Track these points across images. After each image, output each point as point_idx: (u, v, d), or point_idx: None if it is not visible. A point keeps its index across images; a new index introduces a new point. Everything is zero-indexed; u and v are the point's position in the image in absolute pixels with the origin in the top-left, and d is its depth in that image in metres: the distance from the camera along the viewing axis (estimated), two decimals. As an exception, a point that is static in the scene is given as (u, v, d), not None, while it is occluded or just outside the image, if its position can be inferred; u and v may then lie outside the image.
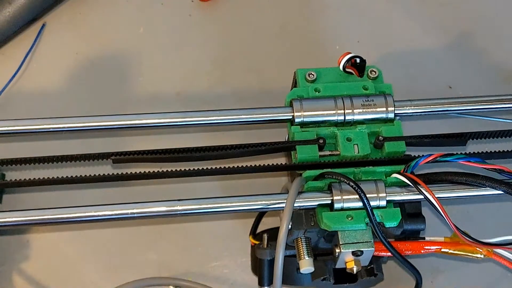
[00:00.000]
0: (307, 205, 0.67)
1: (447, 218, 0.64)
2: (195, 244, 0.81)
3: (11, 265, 0.78)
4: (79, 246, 0.80)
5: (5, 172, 0.80)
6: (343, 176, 0.66)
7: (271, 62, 0.91)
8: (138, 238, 0.81)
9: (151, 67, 0.90)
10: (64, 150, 0.72)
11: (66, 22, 0.92)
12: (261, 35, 0.93)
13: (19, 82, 0.88)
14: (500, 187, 0.66)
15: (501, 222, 0.82)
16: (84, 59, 0.90)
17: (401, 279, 0.78)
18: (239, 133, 0.81)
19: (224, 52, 0.92)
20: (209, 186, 0.82)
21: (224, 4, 0.94)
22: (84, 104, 0.86)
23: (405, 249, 0.69)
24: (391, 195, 0.67)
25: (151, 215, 0.67)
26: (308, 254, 0.67)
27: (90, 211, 0.67)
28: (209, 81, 0.89)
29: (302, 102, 0.71)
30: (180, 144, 0.71)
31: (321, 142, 0.69)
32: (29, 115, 0.73)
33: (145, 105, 0.87)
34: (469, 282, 0.80)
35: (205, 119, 0.72)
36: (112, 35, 0.92)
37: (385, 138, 0.70)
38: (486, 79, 0.90)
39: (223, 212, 0.69)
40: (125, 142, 0.83)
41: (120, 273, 0.78)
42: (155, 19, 0.93)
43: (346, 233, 0.66)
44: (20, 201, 0.80)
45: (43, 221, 0.67)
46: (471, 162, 0.68)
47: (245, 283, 0.79)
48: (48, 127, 0.71)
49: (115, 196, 0.72)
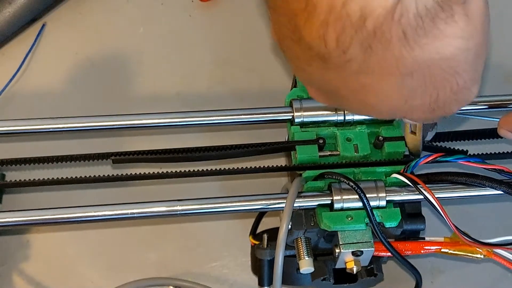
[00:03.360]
0: (307, 205, 0.67)
1: (447, 218, 0.64)
2: (195, 244, 0.81)
3: (11, 265, 0.78)
4: (79, 246, 0.80)
5: (5, 172, 0.80)
6: (343, 176, 0.66)
7: (271, 62, 0.91)
8: (138, 238, 0.81)
9: (151, 67, 0.90)
10: (64, 150, 0.72)
11: (66, 22, 0.92)
12: (261, 35, 0.93)
13: (19, 82, 0.88)
14: (500, 187, 0.66)
15: (501, 222, 0.81)
16: (84, 59, 0.90)
17: (401, 279, 0.78)
18: (239, 133, 0.81)
19: (224, 52, 0.91)
20: (209, 186, 0.82)
21: (224, 4, 0.94)
22: (84, 104, 0.86)
23: (405, 249, 0.68)
24: (391, 195, 0.67)
25: (151, 215, 0.67)
26: (308, 254, 0.67)
27: (90, 211, 0.67)
28: (209, 81, 0.89)
29: (302, 102, 0.71)
30: (180, 144, 0.71)
31: (321, 142, 0.69)
32: (29, 115, 0.73)
33: (145, 105, 0.87)
34: (469, 282, 0.79)
35: (205, 119, 0.72)
36: (112, 35, 0.92)
37: (385, 138, 0.70)
38: (486, 79, 0.90)
39: (223, 212, 0.69)
40: (125, 142, 0.83)
41: (120, 273, 0.78)
42: (155, 19, 0.93)
43: (346, 233, 0.66)
44: (20, 201, 0.80)
45: (43, 221, 0.67)
46: (471, 162, 0.68)
47: (245, 283, 0.79)
48: (48, 127, 0.71)
49: (115, 196, 0.72)
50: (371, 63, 0.43)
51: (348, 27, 0.41)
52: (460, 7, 0.41)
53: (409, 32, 0.41)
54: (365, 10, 0.40)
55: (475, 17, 0.43)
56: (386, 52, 0.42)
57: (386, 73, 0.43)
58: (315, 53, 0.44)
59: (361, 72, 0.43)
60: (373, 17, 0.40)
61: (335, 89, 0.47)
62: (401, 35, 0.41)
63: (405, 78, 0.43)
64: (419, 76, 0.43)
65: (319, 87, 0.50)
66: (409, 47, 0.41)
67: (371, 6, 0.40)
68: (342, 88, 0.46)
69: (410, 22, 0.40)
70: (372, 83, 0.44)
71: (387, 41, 0.41)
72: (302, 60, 0.46)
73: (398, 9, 0.40)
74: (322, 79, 0.47)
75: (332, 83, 0.46)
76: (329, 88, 0.48)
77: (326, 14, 0.41)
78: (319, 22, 0.42)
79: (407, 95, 0.45)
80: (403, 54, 0.42)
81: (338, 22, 0.41)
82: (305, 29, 0.43)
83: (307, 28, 0.43)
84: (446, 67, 0.43)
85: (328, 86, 0.48)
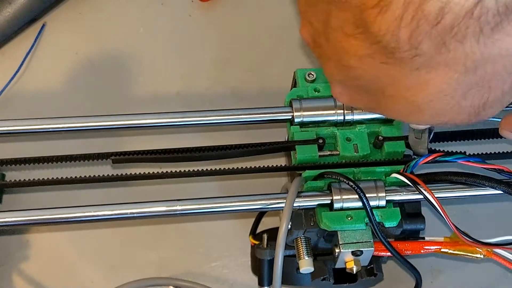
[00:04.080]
0: (306, 205, 0.67)
1: (447, 218, 0.64)
2: (195, 244, 0.81)
3: (11, 265, 0.78)
4: (79, 246, 0.80)
5: (5, 172, 0.80)
6: (343, 176, 0.66)
7: (271, 62, 0.91)
8: (138, 238, 0.81)
9: (151, 67, 0.90)
10: (64, 150, 0.72)
11: (66, 22, 0.92)
12: (261, 35, 0.93)
13: (19, 82, 0.88)
14: (500, 187, 0.66)
15: (501, 222, 0.81)
16: (84, 59, 0.90)
17: (401, 279, 0.78)
18: (239, 133, 0.81)
19: (224, 52, 0.91)
20: (208, 186, 0.82)
21: (224, 4, 0.94)
22: (84, 104, 0.86)
23: (405, 249, 0.68)
24: (390, 195, 0.67)
25: (151, 215, 0.67)
26: (307, 254, 0.67)
27: (90, 211, 0.67)
28: (209, 81, 0.89)
29: (301, 102, 0.71)
30: (180, 144, 0.71)
31: (320, 142, 0.69)
32: (29, 115, 0.73)
33: (145, 105, 0.87)
34: (469, 282, 0.79)
35: (205, 119, 0.72)
36: (112, 35, 0.92)
37: (384, 138, 0.70)
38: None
39: (223, 212, 0.69)
40: (125, 142, 0.83)
41: (120, 273, 0.78)
42: (155, 19, 0.93)
43: (345, 233, 0.66)
44: (20, 201, 0.80)
45: (43, 221, 0.67)
46: (471, 162, 0.67)
47: (245, 283, 0.79)
48: (48, 127, 0.71)
49: (114, 196, 0.72)
50: (439, 59, 0.42)
51: (424, 24, 0.40)
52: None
53: (486, 29, 0.40)
54: (444, 8, 0.40)
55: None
56: (459, 47, 0.41)
57: (451, 69, 0.42)
58: (380, 47, 0.42)
59: (425, 67, 0.43)
60: (451, 14, 0.40)
61: (382, 87, 0.46)
62: (478, 31, 0.40)
63: (468, 74, 0.43)
64: (481, 72, 0.42)
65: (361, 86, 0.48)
66: (482, 43, 0.41)
67: (450, 5, 0.39)
68: (394, 86, 0.45)
69: (488, 20, 0.40)
70: (431, 80, 0.43)
71: (463, 37, 0.41)
72: (354, 55, 0.45)
73: (478, 7, 0.39)
74: (372, 76, 0.45)
75: (384, 79, 0.45)
76: (376, 86, 0.47)
77: (402, 10, 0.40)
78: (393, 18, 0.41)
79: (461, 94, 0.44)
80: (474, 50, 0.41)
81: (414, 19, 0.40)
82: (375, 23, 0.42)
83: (377, 22, 0.41)
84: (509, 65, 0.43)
85: (376, 84, 0.46)
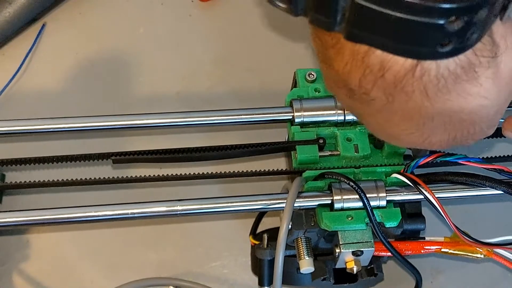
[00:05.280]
0: (307, 205, 0.67)
1: (447, 218, 0.64)
2: (195, 244, 0.81)
3: (11, 265, 0.78)
4: (79, 246, 0.80)
5: (5, 172, 0.80)
6: (343, 176, 0.66)
7: (271, 62, 0.91)
8: (138, 238, 0.81)
9: (151, 67, 0.90)
10: (64, 150, 0.72)
11: (66, 22, 0.92)
12: (261, 35, 0.93)
13: (19, 82, 0.88)
14: (500, 187, 0.66)
15: (501, 222, 0.81)
16: (84, 59, 0.90)
17: (401, 279, 0.78)
18: (239, 133, 0.81)
19: (224, 52, 0.91)
20: (209, 187, 0.82)
21: (224, 4, 0.94)
22: (84, 104, 0.86)
23: (405, 249, 0.68)
24: (391, 195, 0.67)
25: (151, 215, 0.67)
26: (308, 254, 0.67)
27: (90, 211, 0.67)
28: (209, 81, 0.89)
29: (302, 102, 0.71)
30: (180, 144, 0.71)
31: (321, 142, 0.69)
32: (29, 115, 0.73)
33: (145, 105, 0.87)
34: (469, 282, 0.80)
35: (205, 119, 0.72)
36: (112, 35, 0.92)
37: (385, 138, 0.70)
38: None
39: (223, 212, 0.69)
40: (125, 142, 0.83)
41: (120, 273, 0.78)
42: (155, 19, 0.93)
43: (346, 233, 0.66)
44: (20, 202, 0.80)
45: (43, 221, 0.67)
46: (471, 162, 0.67)
47: (245, 283, 0.79)
48: (48, 127, 0.71)
49: (115, 196, 0.72)
50: (394, 107, 0.43)
51: (369, 74, 0.42)
52: (487, 70, 0.41)
53: (431, 88, 0.41)
54: (384, 64, 0.40)
55: (502, 78, 0.42)
56: (409, 101, 0.42)
57: (407, 116, 0.44)
58: (345, 84, 0.44)
59: (384, 111, 0.44)
60: (392, 71, 0.41)
61: (360, 115, 0.49)
62: (423, 90, 0.41)
63: (426, 121, 0.44)
64: (439, 121, 0.44)
65: (346, 107, 0.51)
66: (432, 100, 0.42)
67: (390, 63, 0.40)
68: (366, 116, 0.48)
69: (431, 80, 0.40)
70: (394, 120, 0.45)
71: (409, 92, 0.41)
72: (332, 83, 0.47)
73: (418, 69, 0.40)
74: (348, 104, 0.48)
75: (357, 110, 0.48)
76: (354, 112, 0.49)
77: (350, 57, 0.42)
78: (344, 62, 0.43)
79: (427, 133, 0.46)
80: (425, 104, 0.42)
81: (359, 68, 0.42)
82: (336, 61, 0.43)
83: (338, 60, 0.43)
84: (467, 118, 0.44)
85: (353, 110, 0.49)
